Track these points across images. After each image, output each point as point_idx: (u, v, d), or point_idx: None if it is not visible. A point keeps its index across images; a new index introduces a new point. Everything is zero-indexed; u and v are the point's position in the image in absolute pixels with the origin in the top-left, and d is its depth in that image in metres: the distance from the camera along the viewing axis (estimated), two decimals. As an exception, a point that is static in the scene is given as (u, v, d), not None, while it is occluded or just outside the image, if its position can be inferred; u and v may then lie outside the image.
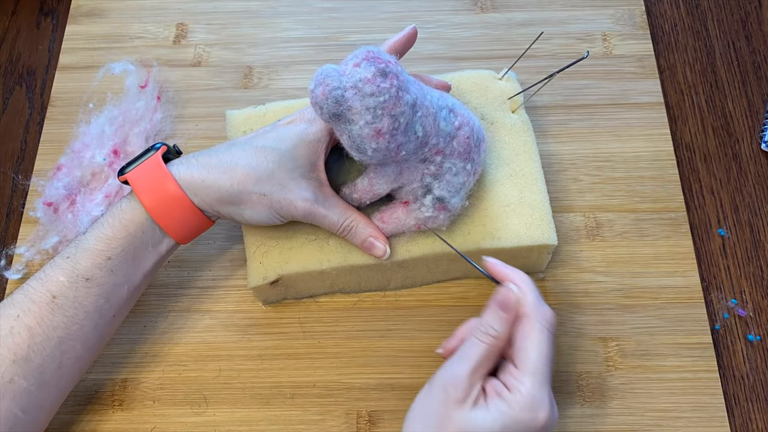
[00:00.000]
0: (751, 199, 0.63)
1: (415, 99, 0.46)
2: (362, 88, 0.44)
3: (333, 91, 0.44)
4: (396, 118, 0.45)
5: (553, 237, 0.54)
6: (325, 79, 0.45)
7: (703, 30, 0.71)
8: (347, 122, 0.45)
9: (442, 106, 0.49)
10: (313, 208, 0.51)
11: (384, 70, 0.44)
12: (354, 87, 0.44)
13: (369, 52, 0.45)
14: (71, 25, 0.72)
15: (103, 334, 0.51)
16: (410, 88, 0.46)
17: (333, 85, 0.44)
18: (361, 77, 0.44)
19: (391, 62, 0.45)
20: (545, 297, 0.58)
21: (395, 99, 0.44)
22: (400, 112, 0.45)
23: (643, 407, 0.54)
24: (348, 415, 0.55)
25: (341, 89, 0.44)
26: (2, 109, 0.70)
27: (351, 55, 0.46)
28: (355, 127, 0.45)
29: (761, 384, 0.56)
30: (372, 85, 0.44)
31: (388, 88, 0.44)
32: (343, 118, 0.45)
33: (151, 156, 0.51)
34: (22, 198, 0.64)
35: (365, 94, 0.44)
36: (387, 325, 0.58)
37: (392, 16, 0.71)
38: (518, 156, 0.56)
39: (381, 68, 0.44)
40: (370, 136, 0.45)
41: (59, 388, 0.49)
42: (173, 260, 0.60)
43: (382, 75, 0.44)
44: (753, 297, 0.59)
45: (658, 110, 0.66)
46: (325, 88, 0.44)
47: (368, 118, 0.45)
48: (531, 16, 0.71)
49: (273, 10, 0.72)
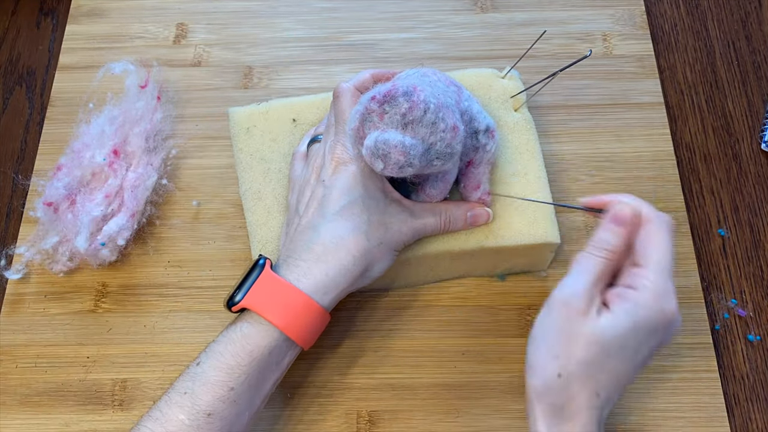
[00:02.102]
0: (751, 199, 0.63)
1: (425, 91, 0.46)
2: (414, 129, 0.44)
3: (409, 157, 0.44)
4: (441, 109, 0.45)
5: (556, 235, 0.54)
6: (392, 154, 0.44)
7: (703, 30, 0.71)
8: (434, 147, 0.45)
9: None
10: (415, 225, 0.51)
11: (396, 96, 0.44)
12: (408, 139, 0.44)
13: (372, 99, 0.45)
14: (71, 25, 0.72)
15: None
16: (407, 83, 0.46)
17: (402, 159, 0.44)
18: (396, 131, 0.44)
19: (389, 91, 0.45)
20: (546, 296, 0.58)
21: (425, 105, 0.44)
22: (438, 105, 0.45)
23: (643, 407, 0.54)
24: (348, 415, 0.55)
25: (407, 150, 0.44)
26: (2, 109, 0.70)
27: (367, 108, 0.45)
28: (439, 142, 0.45)
29: (761, 384, 0.56)
30: (409, 116, 0.44)
31: (417, 103, 0.44)
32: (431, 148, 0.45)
33: (263, 273, 0.48)
34: (22, 198, 0.64)
35: (423, 131, 0.44)
36: (387, 325, 0.58)
37: (392, 16, 0.71)
38: (521, 154, 0.56)
39: (400, 103, 0.44)
40: (450, 138, 0.45)
41: None
42: (173, 260, 0.60)
43: (407, 98, 0.44)
44: (753, 297, 0.59)
45: (658, 110, 0.66)
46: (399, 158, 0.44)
47: (438, 132, 0.45)
48: (531, 16, 0.71)
49: (273, 10, 0.72)
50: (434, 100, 0.44)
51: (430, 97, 0.44)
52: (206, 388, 0.45)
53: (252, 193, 0.56)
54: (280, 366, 0.48)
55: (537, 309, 0.57)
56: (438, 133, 0.45)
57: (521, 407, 0.54)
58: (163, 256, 0.61)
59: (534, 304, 0.58)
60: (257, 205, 0.56)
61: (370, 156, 0.44)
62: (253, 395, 0.47)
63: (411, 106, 0.44)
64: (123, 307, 0.59)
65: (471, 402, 0.55)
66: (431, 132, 0.44)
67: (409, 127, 0.44)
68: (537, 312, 0.57)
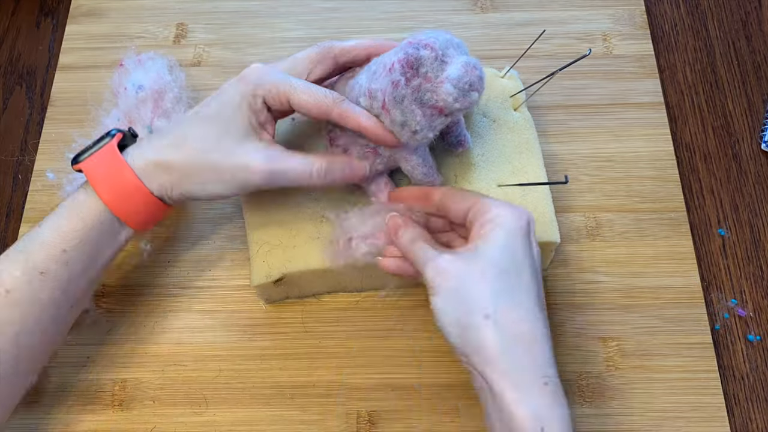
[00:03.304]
0: (751, 199, 0.63)
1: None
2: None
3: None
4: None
5: (556, 235, 0.54)
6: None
7: (703, 30, 0.71)
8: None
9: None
10: (271, 167, 0.49)
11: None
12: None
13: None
14: (71, 25, 0.72)
15: (62, 326, 0.51)
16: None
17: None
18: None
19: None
20: (546, 296, 0.58)
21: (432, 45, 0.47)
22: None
23: (644, 407, 0.54)
24: (348, 415, 0.55)
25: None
26: (2, 109, 0.70)
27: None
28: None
29: (761, 384, 0.56)
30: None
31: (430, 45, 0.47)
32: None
33: (106, 144, 0.50)
34: (22, 198, 0.64)
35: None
36: (387, 325, 0.58)
37: (392, 16, 0.71)
38: (520, 154, 0.57)
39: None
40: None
41: (16, 382, 0.49)
42: (173, 260, 0.60)
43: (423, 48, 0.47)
44: (753, 297, 0.59)
45: (658, 110, 0.66)
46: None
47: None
48: (531, 16, 0.71)
49: (273, 10, 0.72)
50: (438, 41, 0.47)
51: (431, 40, 0.47)
52: (41, 248, 0.47)
53: (251, 193, 0.56)
54: (116, 240, 0.50)
55: (537, 309, 0.57)
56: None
57: (521, 407, 0.54)
58: (163, 256, 0.61)
59: (534, 304, 0.58)
60: (256, 205, 0.56)
61: (460, 88, 0.46)
62: (89, 262, 0.49)
63: (430, 50, 0.46)
64: (123, 307, 0.59)
65: (471, 402, 0.55)
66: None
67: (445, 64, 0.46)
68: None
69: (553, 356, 0.44)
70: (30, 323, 0.47)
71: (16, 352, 0.47)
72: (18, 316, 0.47)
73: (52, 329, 0.49)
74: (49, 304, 0.48)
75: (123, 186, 0.48)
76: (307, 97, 0.49)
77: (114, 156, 0.49)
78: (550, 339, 0.44)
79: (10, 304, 0.47)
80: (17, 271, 0.47)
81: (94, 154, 0.49)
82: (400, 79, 0.46)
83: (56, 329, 0.50)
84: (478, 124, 0.58)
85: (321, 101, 0.49)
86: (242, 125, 0.49)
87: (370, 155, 0.52)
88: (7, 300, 0.47)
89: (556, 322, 0.57)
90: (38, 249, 0.48)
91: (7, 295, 0.47)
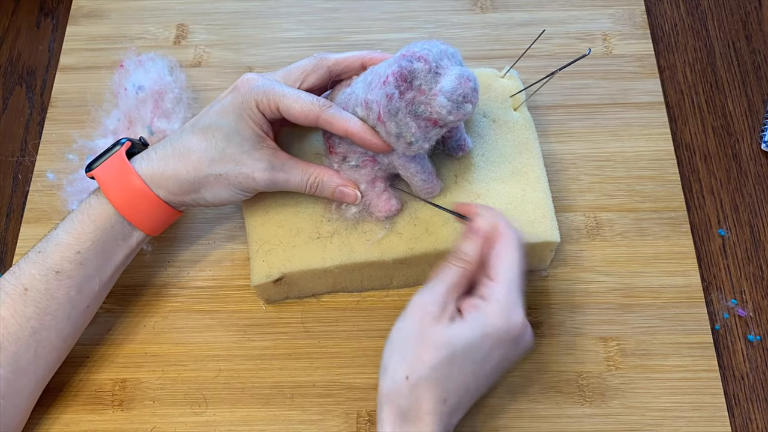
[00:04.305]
0: (751, 199, 0.63)
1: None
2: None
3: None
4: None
5: (556, 234, 0.54)
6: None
7: (703, 30, 0.71)
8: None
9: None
10: (273, 176, 0.52)
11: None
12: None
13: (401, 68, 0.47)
14: (71, 25, 0.72)
15: (77, 324, 0.53)
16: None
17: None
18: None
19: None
20: (545, 296, 0.58)
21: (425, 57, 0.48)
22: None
23: (644, 407, 0.54)
24: (348, 415, 0.55)
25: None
26: (2, 109, 0.70)
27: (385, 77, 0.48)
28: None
29: (761, 384, 0.56)
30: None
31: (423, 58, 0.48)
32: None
33: (116, 152, 0.52)
34: (23, 198, 0.64)
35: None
36: (387, 325, 0.57)
37: (392, 16, 0.71)
38: (520, 153, 0.57)
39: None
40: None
41: (36, 375, 0.51)
42: (173, 260, 0.60)
43: (417, 61, 0.47)
44: (753, 297, 0.59)
45: (658, 110, 0.66)
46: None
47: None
48: (531, 16, 0.71)
49: (273, 11, 0.72)
50: (431, 53, 0.48)
51: (425, 52, 0.47)
52: (56, 249, 0.50)
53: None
54: (127, 243, 0.52)
55: (537, 308, 0.58)
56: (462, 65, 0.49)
57: (522, 407, 0.54)
58: (163, 256, 0.61)
59: (534, 303, 0.58)
60: (256, 205, 0.56)
61: (454, 100, 0.47)
62: (102, 263, 0.52)
63: (424, 62, 0.47)
64: (123, 307, 0.59)
65: (471, 402, 0.54)
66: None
67: (439, 75, 0.47)
68: (537, 312, 0.58)
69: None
70: (47, 320, 0.50)
71: (34, 346, 0.50)
72: (35, 313, 0.50)
73: (67, 327, 0.52)
74: (65, 302, 0.51)
75: (131, 191, 0.51)
76: (294, 104, 0.50)
77: (122, 163, 0.51)
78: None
79: (28, 301, 0.50)
80: (35, 271, 0.50)
81: (105, 162, 0.52)
82: (394, 93, 0.46)
83: (71, 327, 0.52)
84: (478, 124, 0.58)
85: (307, 108, 0.50)
86: (244, 134, 0.51)
87: (368, 163, 0.52)
88: (26, 297, 0.50)
89: (556, 321, 0.57)
90: (54, 250, 0.50)
91: (25, 292, 0.50)
